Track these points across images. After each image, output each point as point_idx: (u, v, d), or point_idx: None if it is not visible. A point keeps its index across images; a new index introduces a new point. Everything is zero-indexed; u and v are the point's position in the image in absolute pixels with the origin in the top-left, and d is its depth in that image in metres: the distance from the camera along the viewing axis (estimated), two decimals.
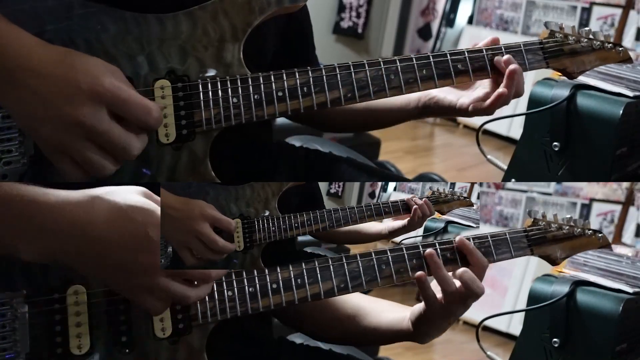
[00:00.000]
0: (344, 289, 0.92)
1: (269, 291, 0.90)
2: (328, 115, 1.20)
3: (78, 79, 0.76)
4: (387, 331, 1.07)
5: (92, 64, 0.79)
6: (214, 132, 0.90)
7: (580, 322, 1.32)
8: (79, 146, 0.77)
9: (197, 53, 0.89)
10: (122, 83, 0.80)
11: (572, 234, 1.05)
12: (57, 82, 0.76)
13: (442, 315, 0.98)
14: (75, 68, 0.77)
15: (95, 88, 0.77)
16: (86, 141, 0.77)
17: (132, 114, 0.80)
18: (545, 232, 1.04)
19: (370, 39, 4.33)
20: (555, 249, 1.03)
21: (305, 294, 0.91)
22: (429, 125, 4.29)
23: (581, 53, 1.06)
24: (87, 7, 0.86)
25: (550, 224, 1.05)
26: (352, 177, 1.29)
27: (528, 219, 1.06)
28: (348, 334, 1.11)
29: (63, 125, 0.76)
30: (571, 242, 1.06)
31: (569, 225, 1.05)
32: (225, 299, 0.88)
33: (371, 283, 0.94)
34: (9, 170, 0.84)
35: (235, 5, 0.91)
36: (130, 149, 0.80)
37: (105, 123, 0.77)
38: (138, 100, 0.80)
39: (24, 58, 0.76)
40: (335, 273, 0.92)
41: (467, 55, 1.00)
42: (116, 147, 0.79)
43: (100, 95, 0.77)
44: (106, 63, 0.80)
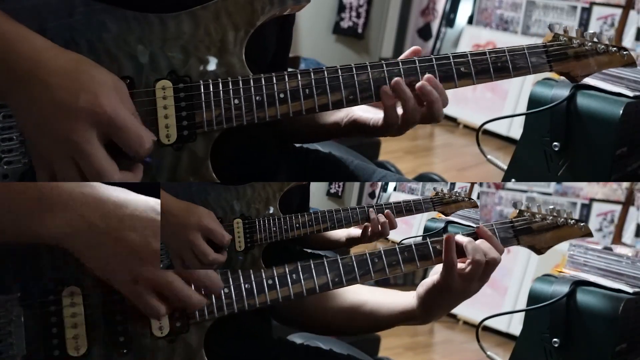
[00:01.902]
0: (339, 282, 0.93)
1: (264, 287, 0.90)
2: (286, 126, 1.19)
3: (79, 95, 0.76)
4: (391, 310, 1.07)
5: (97, 81, 0.78)
6: (215, 133, 0.90)
7: (580, 322, 1.32)
8: (61, 163, 0.77)
9: (199, 53, 0.89)
10: (123, 105, 0.79)
11: (555, 224, 1.09)
12: (59, 94, 0.76)
13: (458, 286, 0.98)
14: (79, 82, 0.77)
15: (93, 109, 0.76)
16: (69, 159, 0.77)
17: (125, 142, 0.79)
18: (530, 222, 1.07)
19: (370, 39, 4.32)
20: (540, 239, 1.07)
21: (301, 289, 0.92)
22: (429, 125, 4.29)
23: (585, 56, 1.06)
24: (89, 6, 0.86)
25: (535, 214, 1.08)
26: (351, 178, 1.29)
27: (513, 211, 1.09)
28: (354, 322, 1.12)
29: (55, 137, 0.76)
30: (555, 232, 1.09)
31: (552, 216, 1.09)
32: (222, 296, 0.88)
33: (365, 277, 0.95)
34: (9, 170, 0.84)
35: (237, 5, 0.91)
36: (107, 176, 0.78)
37: (91, 146, 0.77)
38: (133, 129, 0.79)
39: (34, 63, 0.77)
40: (330, 268, 0.93)
41: (470, 58, 1.00)
42: (94, 173, 0.78)
43: (96, 117, 0.77)
44: (114, 77, 0.80)
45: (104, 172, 0.78)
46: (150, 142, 0.82)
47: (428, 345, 3.15)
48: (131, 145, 0.79)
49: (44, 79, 0.76)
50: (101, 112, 0.77)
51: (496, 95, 3.79)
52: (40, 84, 0.76)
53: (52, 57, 0.78)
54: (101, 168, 0.77)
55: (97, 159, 0.77)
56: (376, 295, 1.11)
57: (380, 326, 1.13)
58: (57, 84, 0.76)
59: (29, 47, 0.77)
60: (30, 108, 0.77)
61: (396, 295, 1.09)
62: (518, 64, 1.01)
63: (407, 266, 0.97)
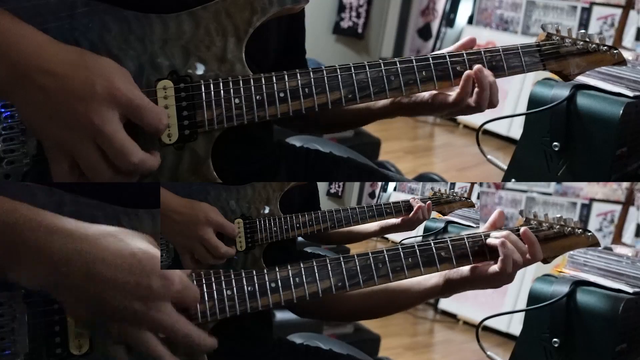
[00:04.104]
0: (342, 287, 0.93)
1: (267, 290, 0.90)
2: (315, 117, 1.19)
3: (94, 81, 0.77)
4: (416, 290, 1.08)
5: (105, 66, 0.80)
6: (216, 132, 0.90)
7: (580, 322, 1.32)
8: (84, 146, 0.78)
9: (200, 53, 0.90)
10: (135, 87, 0.81)
11: (562, 233, 1.07)
12: (72, 83, 0.77)
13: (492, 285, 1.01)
14: (90, 69, 0.78)
15: (112, 92, 0.78)
16: (92, 143, 0.78)
17: (144, 120, 0.81)
18: (537, 231, 1.05)
19: (370, 39, 4.33)
20: (546, 248, 1.05)
21: (304, 292, 0.91)
22: (429, 125, 4.29)
23: (577, 55, 1.08)
24: (89, 6, 0.86)
25: (542, 223, 1.07)
26: (352, 177, 1.29)
27: (520, 219, 1.08)
28: (378, 306, 1.12)
29: (72, 123, 0.77)
30: (562, 241, 1.08)
31: (559, 225, 1.07)
32: (225, 298, 0.88)
33: (368, 282, 0.95)
34: (11, 170, 0.84)
35: (237, 5, 0.91)
36: (130, 156, 0.79)
37: (114, 125, 0.78)
38: (150, 106, 0.81)
39: (38, 57, 0.77)
40: (333, 272, 0.93)
41: (466, 57, 1.01)
42: (117, 153, 0.79)
43: (116, 99, 0.78)
44: (117, 65, 0.81)
45: (128, 151, 0.79)
46: (166, 117, 0.84)
47: (428, 345, 3.15)
48: (150, 122, 0.81)
49: (51, 70, 0.77)
50: (119, 94, 0.78)
51: None
52: (48, 75, 0.77)
53: (55, 51, 0.79)
54: (124, 147, 0.79)
55: (120, 139, 0.79)
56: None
57: (404, 306, 1.14)
58: (66, 74, 0.77)
59: (30, 43, 0.78)
60: (40, 100, 0.77)
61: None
62: (512, 62, 1.03)
63: (411, 272, 0.97)
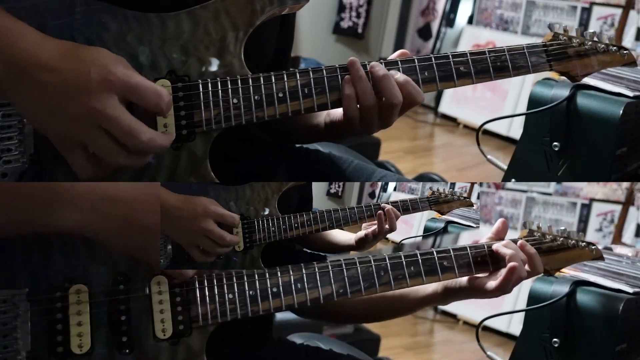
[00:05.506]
0: (343, 294, 0.93)
1: (269, 295, 0.90)
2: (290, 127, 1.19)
3: (88, 70, 0.78)
4: (414, 296, 1.08)
5: (98, 55, 0.80)
6: (214, 132, 0.90)
7: (580, 322, 1.32)
8: (92, 135, 0.79)
9: (198, 53, 0.90)
10: (131, 70, 0.81)
11: (566, 245, 1.06)
12: (67, 74, 0.77)
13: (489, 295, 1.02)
14: (83, 59, 0.79)
15: (107, 77, 0.78)
16: (99, 129, 0.78)
17: (144, 100, 0.81)
18: (540, 243, 1.05)
19: (370, 39, 4.33)
20: (549, 260, 1.04)
21: (305, 298, 0.92)
22: (429, 125, 4.29)
23: (585, 56, 1.05)
24: (88, 5, 0.86)
25: (545, 235, 1.06)
26: (352, 177, 1.29)
27: (523, 230, 1.07)
28: (377, 310, 1.13)
29: (76, 115, 0.78)
30: (565, 253, 1.06)
31: (563, 237, 1.06)
32: (226, 301, 0.89)
33: (370, 289, 0.94)
34: (8, 169, 0.84)
35: (237, 5, 0.91)
36: (139, 134, 0.80)
37: (116, 108, 0.78)
38: (148, 85, 0.81)
39: (31, 53, 0.78)
40: (335, 278, 0.93)
41: (470, 57, 0.99)
42: (126, 133, 0.79)
43: (112, 83, 0.78)
44: (110, 52, 0.81)
45: (135, 131, 0.79)
46: (169, 96, 0.83)
47: (428, 345, 3.15)
48: (150, 100, 0.81)
49: (48, 64, 0.77)
50: (114, 78, 0.79)
51: (496, 95, 3.79)
52: (45, 70, 0.77)
53: (50, 47, 0.79)
54: (131, 127, 0.79)
55: (125, 120, 0.79)
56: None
57: (402, 312, 1.14)
58: (62, 67, 0.78)
59: (26, 41, 0.78)
60: (40, 96, 0.77)
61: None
62: (517, 63, 1.00)
63: (412, 281, 0.97)
